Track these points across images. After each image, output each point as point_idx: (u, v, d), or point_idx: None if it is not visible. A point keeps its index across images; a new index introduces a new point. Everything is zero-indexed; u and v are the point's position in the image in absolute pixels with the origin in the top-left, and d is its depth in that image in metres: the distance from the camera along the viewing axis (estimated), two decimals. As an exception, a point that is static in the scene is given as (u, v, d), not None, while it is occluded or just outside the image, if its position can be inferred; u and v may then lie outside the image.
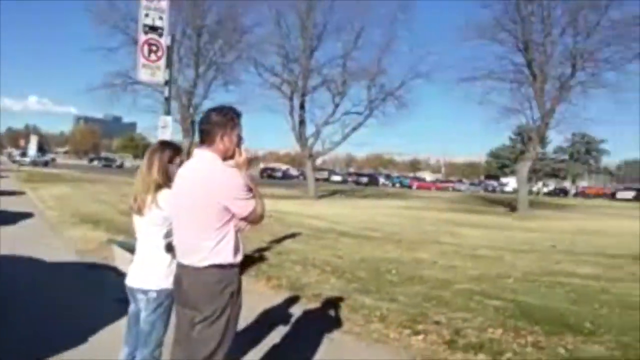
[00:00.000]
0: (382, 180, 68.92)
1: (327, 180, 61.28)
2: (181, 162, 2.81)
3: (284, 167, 79.43)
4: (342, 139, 30.02)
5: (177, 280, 2.57)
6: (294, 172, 72.05)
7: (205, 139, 2.51)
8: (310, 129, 29.87)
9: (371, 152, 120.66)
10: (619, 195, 57.64)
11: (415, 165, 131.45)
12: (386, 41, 28.45)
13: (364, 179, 64.93)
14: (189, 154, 2.88)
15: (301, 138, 29.48)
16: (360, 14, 28.09)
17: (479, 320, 5.14)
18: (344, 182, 63.28)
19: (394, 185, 65.99)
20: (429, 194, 45.63)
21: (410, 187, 64.12)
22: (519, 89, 24.24)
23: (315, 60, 29.26)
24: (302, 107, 29.22)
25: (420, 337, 4.63)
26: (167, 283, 2.72)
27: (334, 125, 30.16)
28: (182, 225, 2.53)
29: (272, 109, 29.64)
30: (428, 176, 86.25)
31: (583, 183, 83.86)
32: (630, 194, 56.43)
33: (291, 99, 28.94)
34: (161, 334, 2.85)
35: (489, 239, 12.70)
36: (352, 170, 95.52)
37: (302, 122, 29.40)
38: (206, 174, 2.45)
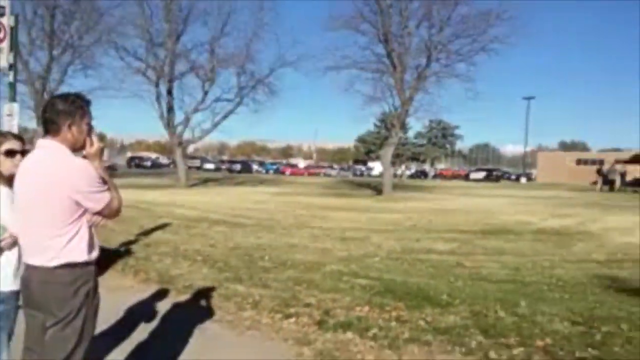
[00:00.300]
0: (255, 167, 68.77)
1: (199, 168, 59.95)
2: (24, 153, 2.58)
3: (153, 155, 76.26)
4: (212, 126, 29.42)
5: (25, 282, 2.37)
6: (164, 160, 69.48)
7: (50, 129, 2.32)
8: (179, 117, 28.93)
9: (244, 139, 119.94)
10: (472, 176, 62.98)
11: (288, 152, 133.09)
12: (254, 28, 28.29)
13: (237, 167, 64.34)
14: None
15: (170, 126, 28.42)
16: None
17: (348, 299, 5.37)
18: (217, 169, 62.30)
19: (267, 172, 66.18)
20: (302, 180, 46.44)
21: (283, 173, 64.77)
22: (380, 78, 25.44)
23: (182, 45, 28.27)
24: (169, 93, 28.12)
25: (292, 320, 4.73)
26: (13, 285, 2.52)
27: (204, 113, 29.46)
28: (28, 223, 2.32)
29: (138, 96, 28.18)
30: (301, 162, 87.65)
31: (441, 165, 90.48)
32: (481, 175, 62.10)
33: (157, 85, 27.69)
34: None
35: (357, 221, 13.24)
36: (225, 157, 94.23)
37: (170, 109, 28.32)
38: (53, 166, 2.26)
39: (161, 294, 5.58)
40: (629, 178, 41.48)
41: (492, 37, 23.68)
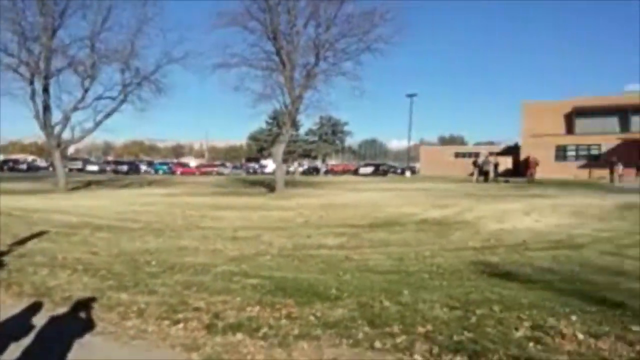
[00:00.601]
0: (144, 167, 66.08)
1: (81, 170, 56.59)
2: None
3: (29, 158, 70.80)
4: (94, 125, 27.79)
5: None
6: (42, 163, 64.76)
7: None
8: (57, 116, 27.01)
9: (131, 138, 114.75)
10: (361, 170, 65.06)
11: (178, 151, 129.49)
12: (137, 23, 27.10)
13: (124, 167, 61.41)
14: None
15: (46, 126, 26.44)
16: (107, -7, 26.24)
17: (238, 300, 5.34)
18: (102, 171, 59.10)
19: (157, 172, 63.87)
20: (193, 179, 45.34)
21: (174, 173, 62.87)
22: (270, 76, 25.42)
23: (59, 40, 26.41)
24: (45, 91, 26.11)
25: (180, 325, 4.62)
26: None
27: (85, 111, 27.73)
28: None
29: (10, 94, 25.91)
30: (192, 161, 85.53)
31: (332, 161, 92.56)
32: (370, 169, 64.36)
33: (32, 82, 25.68)
34: None
35: (248, 219, 13.18)
36: (110, 158, 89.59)
37: (46, 108, 26.32)
38: None
39: (36, 308, 5.18)
40: (501, 169, 44.94)
41: (377, 37, 24.54)
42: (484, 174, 39.35)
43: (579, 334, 4.23)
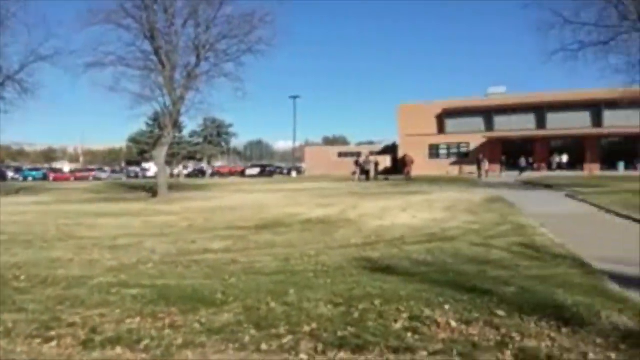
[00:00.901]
0: (10, 174, 60.84)
1: None
2: None
3: None
4: (-52, 129, 25.19)
5: None
6: None
7: None
8: None
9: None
10: (247, 172, 64.88)
11: (50, 156, 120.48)
12: (-1, 18, 24.88)
13: (-15, 175, 56.10)
14: None
15: None
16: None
17: (117, 312, 5.09)
18: (-43, 180, 53.47)
19: (26, 179, 59.03)
20: (68, 185, 42.46)
21: (46, 179, 58.44)
22: (149, 76, 24.52)
23: None
24: None
25: (54, 343, 4.31)
26: None
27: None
28: None
29: None
30: (66, 166, 80.00)
31: (218, 163, 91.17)
32: (256, 171, 64.45)
33: None
34: None
35: (129, 226, 12.62)
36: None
37: None
38: None
39: None
40: (381, 167, 46.89)
41: (257, 39, 24.61)
42: (365, 172, 40.83)
43: (452, 322, 4.53)
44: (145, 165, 73.90)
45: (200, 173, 69.59)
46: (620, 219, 12.57)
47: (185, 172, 69.32)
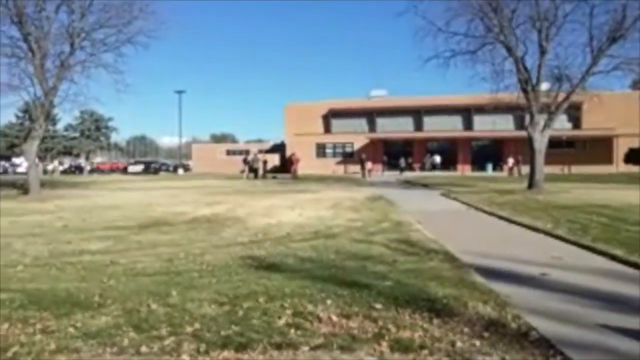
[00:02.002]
0: None
1: None
2: None
3: None
4: None
5: None
6: None
7: None
8: None
9: None
10: (130, 169, 62.09)
11: None
12: None
13: None
14: None
15: None
16: None
17: (-18, 319, 4.71)
18: None
19: None
20: None
21: None
22: (17, 64, 22.60)
23: None
24: None
25: None
26: None
27: None
28: None
29: None
30: None
31: (97, 159, 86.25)
32: (140, 167, 61.85)
33: None
34: None
35: (-5, 227, 11.62)
36: None
37: None
38: None
39: None
40: (269, 166, 47.11)
41: (138, 30, 23.64)
42: (254, 171, 40.81)
43: (333, 317, 4.72)
44: (15, 160, 67.98)
45: (78, 169, 65.50)
46: (485, 215, 13.71)
47: (61, 168, 64.86)
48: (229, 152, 63.12)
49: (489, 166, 50.05)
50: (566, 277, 6.45)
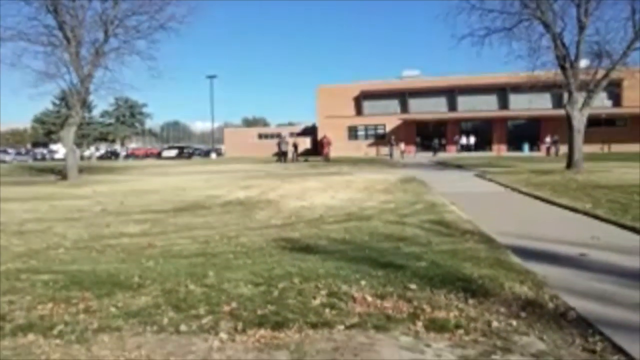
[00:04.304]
0: None
1: None
2: None
3: None
4: None
5: None
6: None
7: None
8: None
9: None
10: (164, 154, 62.99)
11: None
12: None
13: None
14: None
15: None
16: None
17: (28, 299, 4.88)
18: None
19: None
20: (-36, 169, 39.44)
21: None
22: (53, 52, 23.11)
23: None
24: None
25: (-42, 333, 4.09)
26: None
27: None
28: None
29: None
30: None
31: (132, 145, 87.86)
32: (174, 152, 62.68)
33: None
34: None
35: (37, 211, 11.99)
36: None
37: None
38: None
39: None
40: (300, 149, 47.20)
41: (169, 16, 23.84)
42: (283, 154, 40.97)
43: (367, 297, 4.73)
44: (53, 146, 69.86)
45: (114, 155, 66.85)
46: (522, 196, 13.47)
47: (98, 154, 66.34)
48: (260, 136, 63.43)
49: (526, 146, 49.05)
50: (605, 257, 6.30)
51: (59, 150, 60.01)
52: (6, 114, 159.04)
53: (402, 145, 44.21)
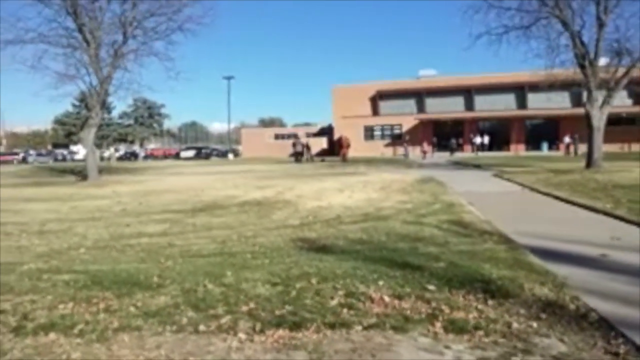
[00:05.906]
0: None
1: None
2: None
3: None
4: None
5: None
6: None
7: None
8: None
9: None
10: (183, 154, 63.51)
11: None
12: None
13: None
14: None
15: None
16: None
17: (49, 298, 4.95)
18: None
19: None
20: (-13, 170, 40.13)
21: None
22: (73, 54, 23.43)
23: None
24: None
25: (-18, 332, 4.16)
26: None
27: None
28: None
29: None
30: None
31: (151, 145, 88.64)
32: (192, 153, 63.22)
33: None
34: None
35: (59, 211, 12.17)
36: None
37: None
38: None
39: None
40: (317, 149, 47.22)
41: (187, 17, 24.04)
42: (301, 154, 41.01)
43: (385, 297, 4.71)
44: (73, 147, 70.70)
45: (133, 156, 67.45)
46: (541, 196, 13.32)
47: (117, 154, 67.03)
48: (277, 136, 63.45)
49: (544, 145, 48.48)
50: (627, 258, 6.21)
51: (79, 151, 60.70)
52: (26, 116, 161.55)
53: (425, 145, 44.09)
